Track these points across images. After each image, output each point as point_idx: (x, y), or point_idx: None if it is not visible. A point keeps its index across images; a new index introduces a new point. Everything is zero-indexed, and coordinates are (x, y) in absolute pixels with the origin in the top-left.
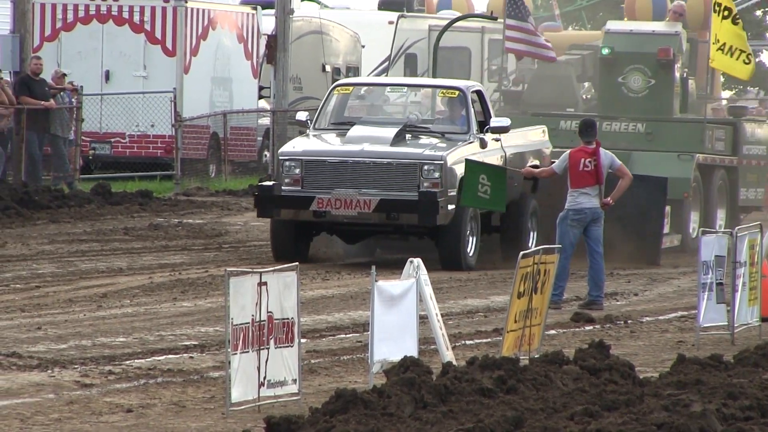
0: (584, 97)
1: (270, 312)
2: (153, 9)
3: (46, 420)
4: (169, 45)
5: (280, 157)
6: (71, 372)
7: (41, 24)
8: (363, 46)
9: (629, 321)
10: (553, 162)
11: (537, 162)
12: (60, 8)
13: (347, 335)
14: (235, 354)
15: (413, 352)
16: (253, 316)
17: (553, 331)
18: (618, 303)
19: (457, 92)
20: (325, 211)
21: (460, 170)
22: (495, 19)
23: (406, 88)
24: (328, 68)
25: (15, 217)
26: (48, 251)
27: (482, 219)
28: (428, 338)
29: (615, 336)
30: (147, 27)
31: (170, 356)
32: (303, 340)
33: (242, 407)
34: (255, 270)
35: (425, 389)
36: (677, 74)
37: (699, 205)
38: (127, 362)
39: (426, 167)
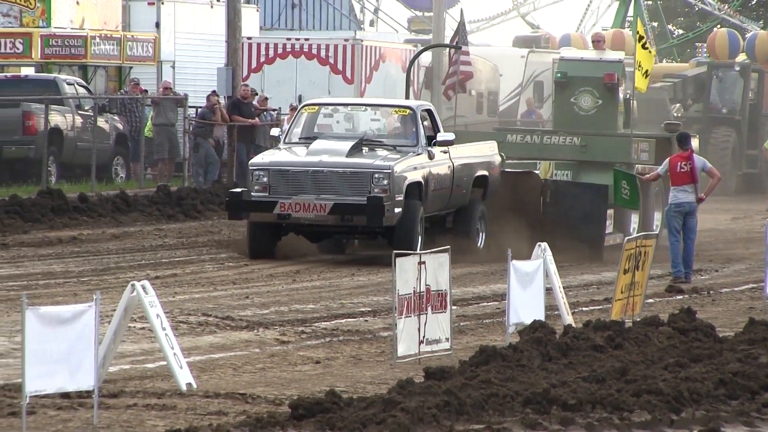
0: (675, 115)
1: (428, 285)
2: (336, 46)
3: (253, 369)
4: (348, 75)
5: (250, 167)
6: (272, 331)
7: (249, 58)
8: (501, 75)
9: (711, 292)
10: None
11: (485, 172)
12: (263, 46)
13: (489, 303)
14: (401, 318)
15: (541, 316)
16: (414, 288)
17: (651, 300)
18: (702, 277)
19: (407, 110)
20: (287, 214)
21: (407, 178)
22: (459, 48)
23: (364, 107)
24: (473, 92)
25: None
26: None
27: (437, 221)
28: (552, 305)
29: (700, 303)
30: (331, 60)
31: (349, 319)
32: (453, 307)
33: (406, 360)
34: (415, 252)
35: (550, 346)
36: (621, 96)
37: (639, 209)
38: (316, 324)
39: (376, 175)
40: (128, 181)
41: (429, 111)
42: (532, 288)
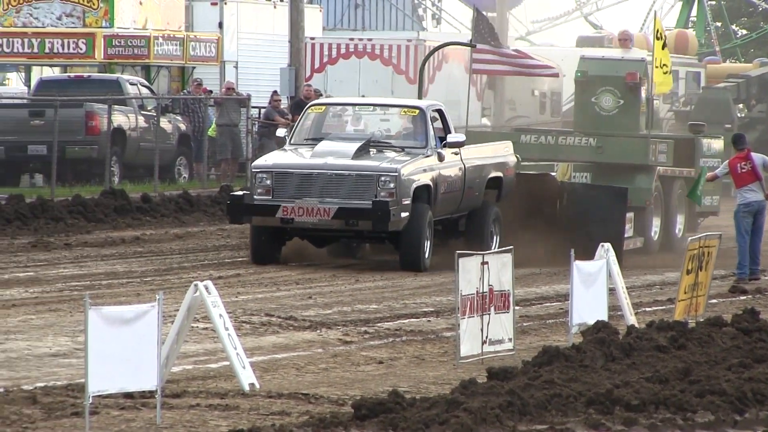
0: (739, 115)
1: (491, 285)
2: (399, 46)
3: (316, 369)
4: (411, 75)
5: (253, 170)
6: (335, 331)
7: (311, 59)
8: (564, 75)
9: None
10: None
11: (499, 174)
12: (326, 46)
13: (552, 303)
14: (463, 318)
15: (604, 317)
16: (477, 288)
17: (714, 300)
18: (766, 278)
19: (417, 111)
20: (291, 218)
21: (414, 181)
22: (474, 46)
23: (372, 107)
24: (536, 93)
25: None
26: None
27: (449, 224)
28: (615, 306)
29: (763, 304)
30: (394, 61)
31: (412, 320)
32: (516, 307)
33: (469, 360)
34: (478, 252)
35: (613, 346)
36: (643, 95)
37: (660, 212)
38: (379, 324)
39: (382, 178)
40: (191, 181)
41: (440, 111)
42: (595, 288)
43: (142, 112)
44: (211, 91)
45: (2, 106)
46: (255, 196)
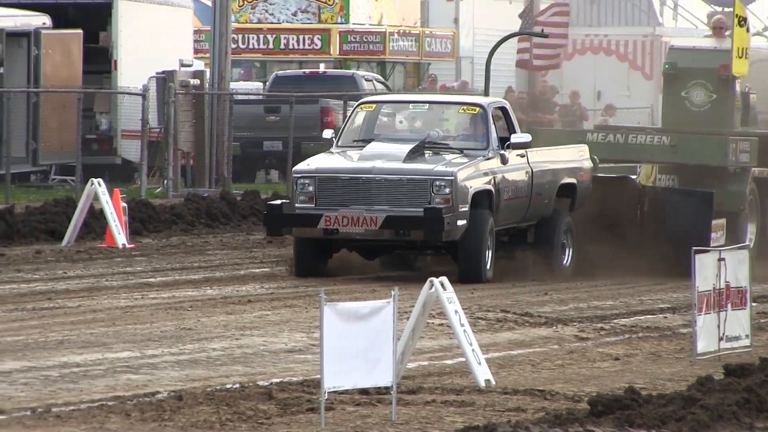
0: None
1: (727, 281)
2: (635, 42)
3: (551, 365)
4: (647, 71)
5: (294, 175)
6: (570, 328)
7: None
8: None
9: None
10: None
11: (573, 180)
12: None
13: None
14: (700, 315)
15: None
16: (714, 284)
17: None
18: None
19: (477, 109)
20: (335, 229)
21: (473, 186)
22: (546, 36)
23: (428, 104)
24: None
25: None
26: None
27: (516, 234)
28: None
29: None
30: (630, 56)
31: (648, 316)
32: (753, 304)
33: (705, 357)
34: (716, 248)
35: None
36: (738, 89)
37: (756, 217)
38: (615, 321)
39: (437, 183)
40: None
41: (503, 109)
42: None
43: None
44: (453, 86)
45: (238, 102)
46: (296, 205)
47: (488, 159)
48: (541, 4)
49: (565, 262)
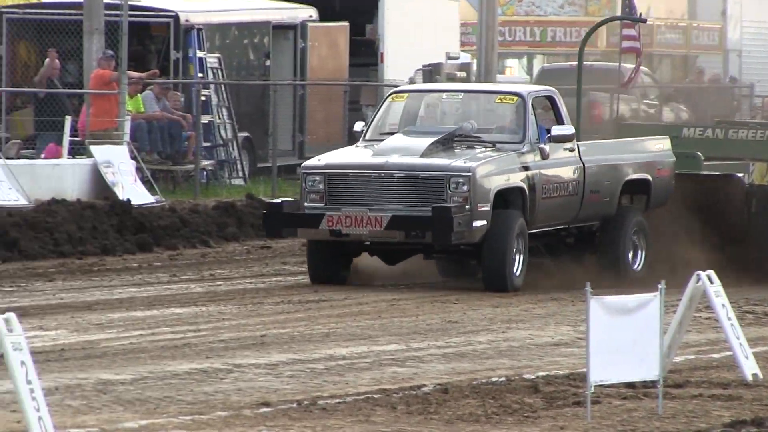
0: None
1: None
2: None
3: None
4: None
5: (303, 171)
6: None
7: None
8: None
9: None
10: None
11: (647, 176)
12: None
13: None
14: None
15: None
16: None
17: None
18: None
19: (515, 98)
20: (337, 230)
21: (494, 182)
22: (644, 21)
23: (462, 94)
24: None
25: None
26: None
27: (582, 236)
28: None
29: None
30: None
31: None
32: None
33: None
34: None
35: None
36: None
37: None
38: None
39: (453, 179)
40: None
41: (550, 98)
42: None
43: (644, 101)
44: (736, 79)
45: None
46: (306, 203)
47: (523, 153)
48: None
49: (636, 266)
